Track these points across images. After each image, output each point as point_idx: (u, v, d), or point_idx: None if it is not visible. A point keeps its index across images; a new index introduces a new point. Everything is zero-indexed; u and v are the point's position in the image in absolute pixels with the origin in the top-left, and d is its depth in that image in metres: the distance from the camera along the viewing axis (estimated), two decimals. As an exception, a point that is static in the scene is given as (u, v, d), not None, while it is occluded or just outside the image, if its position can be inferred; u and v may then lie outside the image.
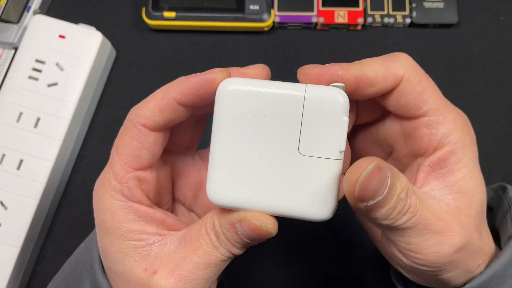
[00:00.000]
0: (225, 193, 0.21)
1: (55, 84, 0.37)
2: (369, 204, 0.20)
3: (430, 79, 0.23)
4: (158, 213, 0.24)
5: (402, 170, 0.25)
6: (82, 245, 0.28)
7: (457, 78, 0.40)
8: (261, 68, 0.24)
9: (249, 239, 0.22)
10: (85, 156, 0.39)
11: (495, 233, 0.26)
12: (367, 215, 0.21)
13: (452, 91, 0.40)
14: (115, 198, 0.23)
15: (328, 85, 0.22)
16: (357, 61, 0.23)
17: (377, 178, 0.20)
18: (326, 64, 0.23)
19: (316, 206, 0.21)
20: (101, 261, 0.25)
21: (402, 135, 0.25)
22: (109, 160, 0.24)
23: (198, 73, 0.23)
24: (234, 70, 0.24)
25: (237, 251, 0.23)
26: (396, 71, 0.22)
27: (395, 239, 0.22)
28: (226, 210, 0.22)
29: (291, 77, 0.40)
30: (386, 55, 0.23)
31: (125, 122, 0.24)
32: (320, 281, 0.37)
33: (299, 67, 0.23)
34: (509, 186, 0.27)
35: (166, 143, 0.25)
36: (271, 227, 0.22)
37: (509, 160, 0.38)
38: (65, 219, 0.38)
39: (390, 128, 0.25)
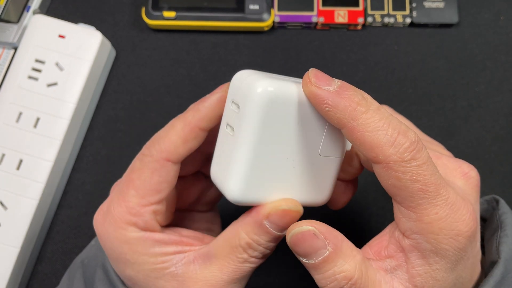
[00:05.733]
0: (249, 190, 0.22)
1: (55, 84, 0.37)
2: (302, 260, 0.21)
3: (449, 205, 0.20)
4: (172, 236, 0.24)
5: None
6: (92, 242, 0.28)
7: (457, 78, 0.40)
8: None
9: (279, 230, 0.22)
10: (85, 156, 0.39)
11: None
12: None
13: (452, 91, 0.40)
14: (129, 231, 0.23)
15: None
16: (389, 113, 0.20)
17: (309, 242, 0.21)
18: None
19: (321, 193, 0.24)
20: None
21: None
22: (119, 194, 0.23)
23: (206, 95, 0.23)
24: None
25: (268, 252, 0.23)
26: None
27: None
28: (248, 221, 0.23)
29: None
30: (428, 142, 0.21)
31: (141, 157, 0.24)
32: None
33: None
34: (501, 201, 0.27)
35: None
36: (299, 206, 0.23)
37: (509, 160, 0.38)
38: (65, 219, 0.38)
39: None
